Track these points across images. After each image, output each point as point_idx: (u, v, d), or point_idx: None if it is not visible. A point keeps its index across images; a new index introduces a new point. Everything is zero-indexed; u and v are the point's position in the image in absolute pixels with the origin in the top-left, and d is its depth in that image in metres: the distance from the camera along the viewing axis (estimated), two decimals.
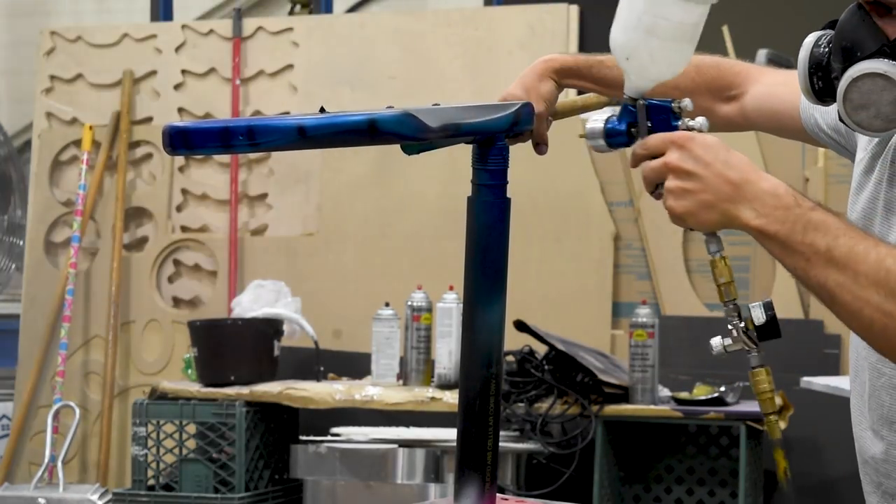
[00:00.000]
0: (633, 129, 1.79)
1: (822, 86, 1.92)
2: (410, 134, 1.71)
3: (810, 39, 1.95)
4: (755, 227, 1.70)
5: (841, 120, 1.89)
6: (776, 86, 2.20)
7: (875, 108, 1.85)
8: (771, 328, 1.74)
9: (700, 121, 1.76)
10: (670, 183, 1.73)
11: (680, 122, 1.76)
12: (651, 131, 1.76)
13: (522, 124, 1.91)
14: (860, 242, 1.68)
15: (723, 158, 1.70)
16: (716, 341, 1.76)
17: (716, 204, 1.71)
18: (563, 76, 2.19)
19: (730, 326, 1.75)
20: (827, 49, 1.91)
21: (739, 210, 1.71)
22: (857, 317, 1.68)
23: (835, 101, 1.88)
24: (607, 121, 1.81)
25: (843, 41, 1.88)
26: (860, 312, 1.67)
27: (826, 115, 2.11)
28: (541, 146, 2.12)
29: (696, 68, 2.22)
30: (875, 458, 1.94)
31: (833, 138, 2.11)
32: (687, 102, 1.77)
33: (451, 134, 1.78)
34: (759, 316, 1.74)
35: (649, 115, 1.78)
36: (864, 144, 2.01)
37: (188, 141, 1.72)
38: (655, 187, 1.76)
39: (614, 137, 1.81)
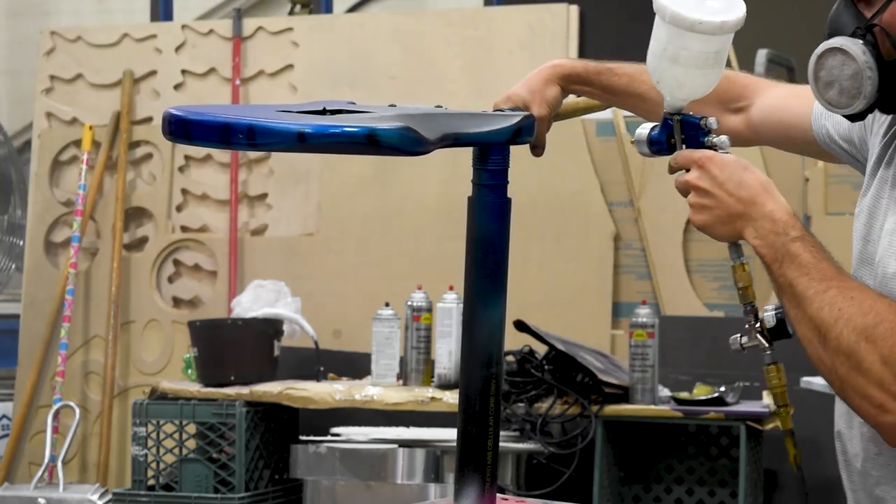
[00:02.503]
0: (671, 140, 1.97)
1: None
2: (409, 148, 1.70)
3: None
4: (753, 246, 1.88)
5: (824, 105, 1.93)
6: (785, 97, 2.20)
7: (839, 85, 1.90)
8: (780, 330, 1.90)
9: (722, 139, 1.93)
10: (691, 199, 1.90)
11: (706, 139, 1.94)
12: (684, 143, 1.95)
13: (523, 136, 1.91)
14: (816, 283, 1.82)
15: (737, 178, 1.87)
16: (734, 338, 1.93)
17: (728, 220, 1.88)
18: (569, 82, 2.18)
19: (747, 326, 1.91)
20: None
21: (745, 227, 1.87)
22: (806, 349, 1.84)
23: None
24: (651, 130, 2.00)
25: (829, 29, 1.93)
26: (807, 348, 1.83)
27: (838, 126, 2.10)
28: (538, 149, 2.12)
29: None
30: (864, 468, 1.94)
31: (845, 149, 2.10)
32: (712, 121, 1.94)
33: (450, 144, 1.78)
34: (769, 319, 1.91)
35: (683, 130, 1.96)
36: (872, 151, 2.01)
37: (188, 132, 1.73)
38: (685, 197, 1.95)
39: (655, 146, 2.00)
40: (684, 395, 4.75)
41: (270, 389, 4.97)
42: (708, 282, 5.41)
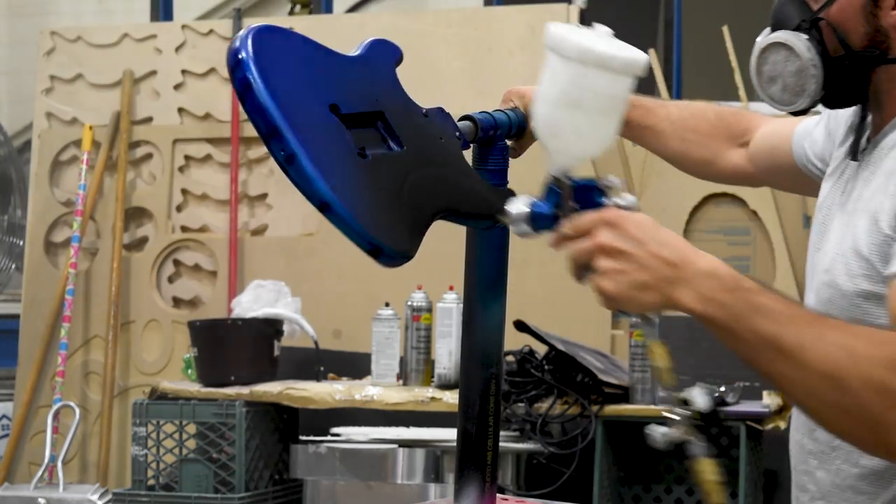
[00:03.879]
0: (559, 212, 1.69)
1: None
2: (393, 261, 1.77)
3: (760, 36, 1.96)
4: (697, 312, 1.62)
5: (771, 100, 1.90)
6: (776, 123, 2.21)
7: (782, 81, 1.86)
8: (714, 416, 1.66)
9: (629, 198, 1.67)
10: (603, 264, 1.61)
11: (607, 200, 1.67)
12: (577, 212, 1.67)
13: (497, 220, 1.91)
14: (808, 330, 1.58)
15: (657, 237, 1.61)
16: (657, 431, 1.65)
17: (653, 284, 1.61)
18: None
19: (671, 416, 1.65)
20: None
21: (679, 292, 1.61)
22: (808, 409, 1.62)
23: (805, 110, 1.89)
24: (532, 204, 1.71)
25: (773, 20, 1.90)
26: (810, 406, 1.61)
27: (815, 145, 2.10)
28: (516, 151, 2.09)
29: (716, 114, 2.24)
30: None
31: (819, 168, 2.10)
32: (614, 180, 1.68)
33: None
34: (703, 404, 1.65)
35: (575, 195, 1.69)
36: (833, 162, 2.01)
37: (244, 96, 1.57)
38: (584, 270, 1.65)
39: (540, 221, 1.70)
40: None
41: (270, 389, 4.97)
42: None
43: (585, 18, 5.73)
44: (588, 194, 1.68)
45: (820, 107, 1.93)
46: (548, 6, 5.80)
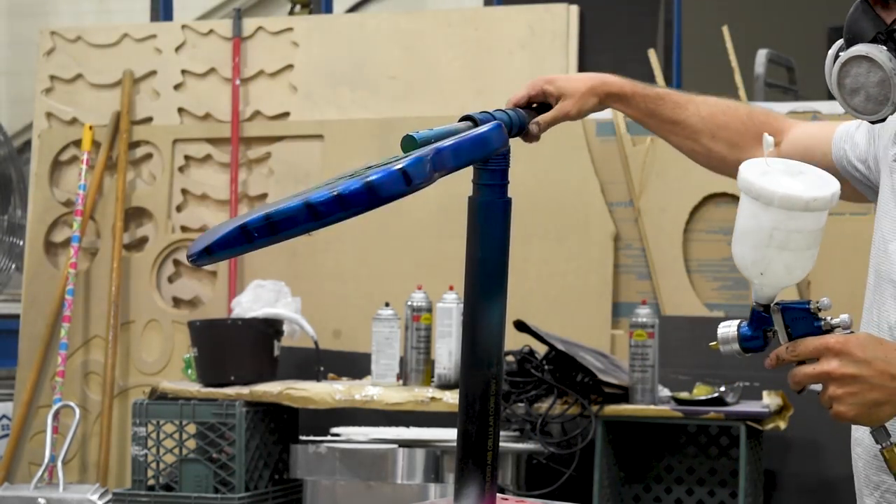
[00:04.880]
0: (769, 333, 1.79)
1: None
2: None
3: (833, 49, 2.00)
4: None
5: (851, 111, 1.93)
6: (810, 127, 2.24)
7: (865, 92, 1.91)
8: None
9: (844, 318, 1.75)
10: (835, 391, 1.73)
11: (822, 323, 1.76)
12: (790, 334, 1.77)
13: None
14: None
15: (880, 354, 1.73)
16: None
17: (886, 400, 1.72)
18: (612, 100, 2.20)
19: None
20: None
21: None
22: None
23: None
24: (739, 326, 1.80)
25: (848, 34, 1.95)
26: None
27: (856, 148, 2.14)
28: (530, 136, 2.11)
29: (748, 114, 2.25)
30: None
31: (860, 171, 2.13)
32: (825, 302, 1.76)
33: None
34: None
35: (785, 319, 1.77)
36: (882, 161, 2.05)
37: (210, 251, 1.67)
38: (804, 388, 1.77)
39: (750, 342, 1.80)
40: (684, 395, 4.75)
41: (270, 389, 4.97)
42: (708, 282, 5.41)
43: (586, 19, 5.73)
44: (800, 317, 1.77)
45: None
46: (548, 6, 5.79)
